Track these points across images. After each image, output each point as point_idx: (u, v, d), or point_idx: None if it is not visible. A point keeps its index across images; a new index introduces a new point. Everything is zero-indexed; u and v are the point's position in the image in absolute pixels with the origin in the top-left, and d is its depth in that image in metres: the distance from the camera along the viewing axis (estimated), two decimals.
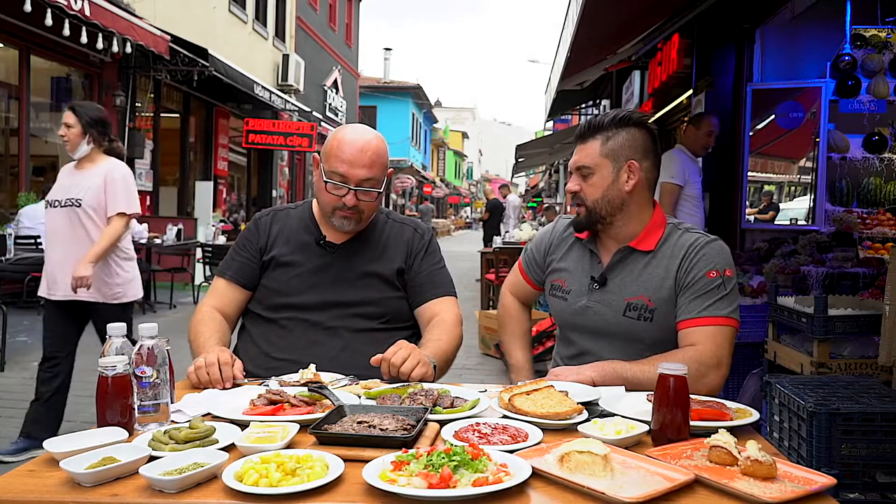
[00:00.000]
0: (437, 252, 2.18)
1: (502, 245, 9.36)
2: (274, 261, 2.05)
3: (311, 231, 2.09)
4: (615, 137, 1.90)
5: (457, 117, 59.26)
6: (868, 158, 5.04)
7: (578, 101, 13.77)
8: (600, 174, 1.91)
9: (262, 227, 2.12)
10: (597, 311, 1.94)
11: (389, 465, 1.17)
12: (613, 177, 1.90)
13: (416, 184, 37.68)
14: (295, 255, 2.05)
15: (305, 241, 2.07)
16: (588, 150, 1.92)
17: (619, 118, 1.92)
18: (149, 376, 1.43)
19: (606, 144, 1.90)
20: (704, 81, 5.71)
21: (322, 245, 2.05)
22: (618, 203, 1.91)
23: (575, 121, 19.01)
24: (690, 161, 4.64)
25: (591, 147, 1.92)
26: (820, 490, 1.14)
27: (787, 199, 5.68)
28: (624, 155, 1.89)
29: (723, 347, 1.80)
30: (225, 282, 2.09)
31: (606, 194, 1.90)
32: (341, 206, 1.96)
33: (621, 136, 1.90)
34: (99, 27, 7.74)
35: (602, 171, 1.90)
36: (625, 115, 1.93)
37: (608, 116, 1.93)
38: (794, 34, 5.35)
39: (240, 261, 2.09)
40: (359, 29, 25.26)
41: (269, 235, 2.09)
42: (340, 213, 1.98)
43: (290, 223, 2.11)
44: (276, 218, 2.14)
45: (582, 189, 1.94)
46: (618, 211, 1.91)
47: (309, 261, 2.04)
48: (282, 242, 2.07)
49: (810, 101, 5.08)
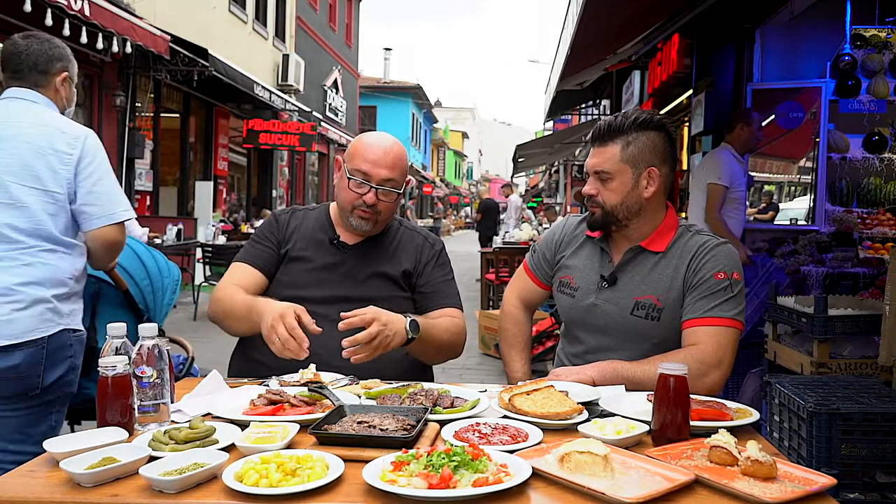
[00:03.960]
0: (448, 264, 2.23)
1: (502, 245, 9.35)
2: (289, 255, 2.10)
3: (327, 231, 2.14)
4: (635, 142, 1.88)
5: (457, 117, 59.23)
6: (868, 158, 5.04)
7: (578, 101, 13.76)
8: (620, 180, 1.89)
9: (281, 223, 2.16)
10: (604, 309, 1.94)
11: (389, 465, 1.17)
12: (633, 183, 1.88)
13: (416, 184, 37.68)
14: (308, 250, 2.10)
15: (320, 239, 2.12)
16: (607, 155, 1.90)
17: (640, 121, 1.88)
18: (149, 376, 1.43)
19: (627, 150, 1.88)
20: (704, 81, 5.71)
21: (335, 244, 2.10)
22: (636, 209, 1.90)
23: (575, 121, 19.00)
24: (737, 162, 4.49)
25: (610, 151, 1.89)
26: (820, 490, 1.14)
27: (787, 199, 5.68)
28: (644, 161, 1.88)
29: (725, 348, 1.80)
30: (246, 266, 2.09)
31: (625, 200, 1.89)
32: (361, 205, 2.01)
33: (642, 140, 1.88)
34: (99, 27, 7.74)
35: (622, 176, 1.89)
36: (646, 117, 1.90)
37: (629, 119, 1.90)
38: (794, 34, 5.35)
39: (261, 249, 2.12)
40: (359, 29, 25.25)
41: (288, 230, 2.14)
42: (359, 212, 2.03)
43: (308, 222, 2.17)
44: (294, 216, 2.19)
45: (600, 193, 1.92)
46: (635, 216, 1.91)
47: (321, 257, 2.08)
48: (298, 238, 2.12)
49: (810, 101, 5.08)
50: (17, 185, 1.99)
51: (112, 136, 10.38)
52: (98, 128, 10.14)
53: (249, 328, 1.91)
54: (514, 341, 2.20)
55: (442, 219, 35.94)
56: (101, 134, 10.73)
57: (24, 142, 2.01)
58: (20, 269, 1.97)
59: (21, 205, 1.98)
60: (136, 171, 10.87)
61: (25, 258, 1.98)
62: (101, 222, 2.09)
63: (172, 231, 9.01)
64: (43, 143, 2.03)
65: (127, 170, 10.59)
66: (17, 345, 1.93)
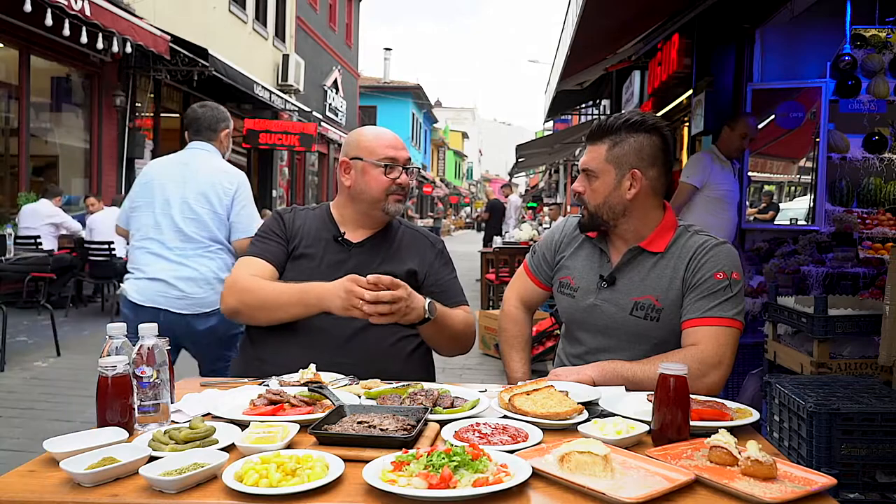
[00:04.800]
0: (450, 262, 2.26)
1: (502, 245, 9.35)
2: (295, 253, 2.11)
3: (330, 229, 2.15)
4: (622, 144, 1.89)
5: (457, 117, 59.24)
6: (868, 158, 5.03)
7: (578, 101, 13.77)
8: (603, 180, 1.90)
9: (286, 220, 2.17)
10: (604, 309, 1.94)
11: (389, 465, 1.17)
12: (615, 183, 1.89)
13: (416, 184, 37.71)
14: (313, 248, 2.11)
15: (325, 237, 2.13)
16: (595, 153, 1.92)
17: (630, 123, 1.89)
18: (149, 376, 1.43)
19: (612, 150, 1.89)
20: (704, 81, 5.71)
21: (340, 242, 2.12)
22: (619, 209, 1.91)
23: (575, 121, 19.00)
24: (716, 163, 4.48)
25: (598, 150, 1.91)
26: (820, 490, 1.14)
27: (787, 199, 5.67)
28: (628, 163, 1.88)
29: (725, 348, 1.80)
30: (260, 260, 2.08)
31: (608, 200, 1.90)
32: (395, 189, 2.09)
33: (629, 142, 1.88)
34: (99, 27, 7.74)
35: (605, 176, 1.90)
36: (637, 119, 1.90)
37: (620, 119, 1.91)
38: (794, 34, 5.35)
39: (272, 244, 2.12)
40: (359, 29, 25.25)
41: (293, 228, 2.15)
42: (394, 196, 2.10)
43: (310, 221, 2.18)
44: (297, 214, 2.20)
45: (585, 192, 1.94)
46: (620, 216, 1.92)
47: (327, 255, 2.10)
48: (303, 236, 2.14)
49: (810, 101, 5.07)
50: (199, 207, 2.96)
51: (112, 136, 10.39)
52: (98, 128, 10.16)
53: (298, 314, 1.95)
54: (514, 341, 2.20)
55: (442, 219, 36.22)
56: (101, 134, 10.83)
57: (203, 179, 2.99)
58: (207, 261, 2.95)
59: (201, 220, 2.95)
60: (136, 171, 10.87)
61: (209, 254, 2.96)
62: (242, 235, 2.99)
63: None
64: (213, 180, 3.00)
65: (127, 170, 10.60)
66: (211, 312, 2.91)
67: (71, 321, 7.55)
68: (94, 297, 8.89)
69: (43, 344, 6.18)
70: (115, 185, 10.38)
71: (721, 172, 4.52)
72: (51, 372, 5.40)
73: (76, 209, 9.59)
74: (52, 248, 7.72)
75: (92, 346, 6.16)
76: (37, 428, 4.07)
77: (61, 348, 5.91)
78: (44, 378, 5.20)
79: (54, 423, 4.14)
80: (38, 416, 4.34)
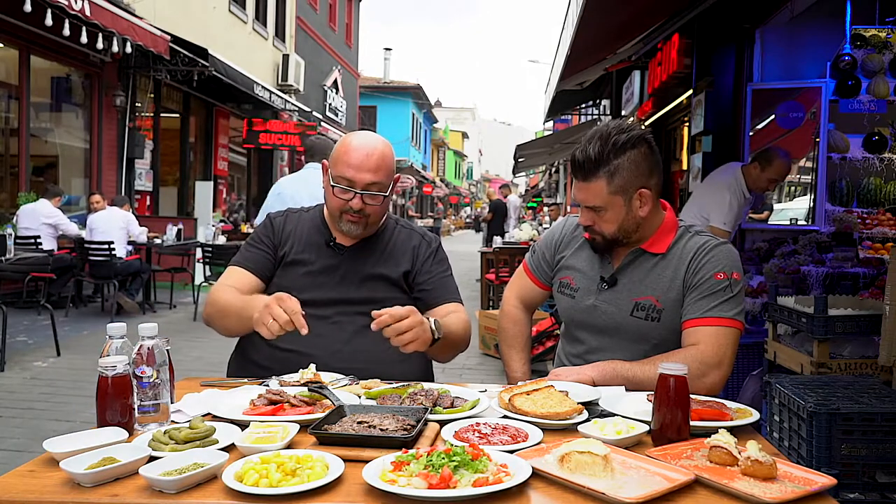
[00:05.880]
0: (445, 260, 2.22)
1: (502, 245, 9.35)
2: (286, 259, 2.09)
3: (322, 233, 2.12)
4: (619, 171, 1.82)
5: (457, 117, 59.21)
6: (868, 158, 5.04)
7: (578, 101, 13.78)
8: (613, 211, 1.87)
9: (276, 226, 2.15)
10: (604, 310, 1.94)
11: (389, 465, 1.17)
12: (626, 209, 1.87)
13: (416, 184, 37.68)
14: (305, 253, 2.09)
15: (316, 242, 2.11)
16: (594, 191, 1.86)
17: (618, 145, 1.82)
18: (149, 376, 1.43)
19: (613, 182, 1.83)
20: (704, 81, 5.70)
21: (332, 246, 2.09)
22: (634, 227, 1.90)
23: (575, 120, 19.00)
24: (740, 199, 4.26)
25: (596, 187, 1.85)
26: (820, 490, 1.14)
27: (786, 199, 5.68)
28: (633, 186, 1.84)
29: (725, 348, 1.80)
30: (241, 269, 2.09)
31: (623, 225, 1.88)
32: (348, 210, 2.00)
33: (624, 165, 1.82)
34: (99, 27, 7.74)
35: (614, 207, 1.86)
36: (618, 138, 1.82)
37: (607, 146, 1.82)
38: (794, 34, 5.35)
39: (255, 252, 2.11)
40: (359, 29, 25.24)
41: (283, 234, 2.13)
42: (347, 217, 2.01)
43: (302, 224, 2.15)
44: (289, 218, 2.18)
45: (595, 224, 1.91)
46: (635, 232, 1.91)
47: (318, 260, 2.08)
48: (294, 241, 2.11)
49: (810, 101, 5.08)
50: None
51: (112, 136, 10.39)
52: (98, 128, 10.17)
53: (245, 326, 1.90)
54: (514, 341, 2.20)
55: (442, 219, 36.17)
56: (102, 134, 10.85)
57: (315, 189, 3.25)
58: None
59: None
60: (136, 171, 10.88)
61: None
62: None
63: (172, 231, 9.01)
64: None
65: (127, 170, 10.60)
66: None
67: (71, 321, 7.55)
68: (94, 297, 8.89)
69: (43, 344, 6.18)
70: (115, 185, 10.39)
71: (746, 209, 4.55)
72: (50, 372, 5.40)
73: (76, 209, 9.59)
74: (51, 248, 7.72)
75: (92, 346, 6.16)
76: (36, 428, 4.07)
77: (61, 348, 5.91)
78: (43, 378, 5.20)
79: (54, 423, 4.14)
80: (38, 416, 4.34)
